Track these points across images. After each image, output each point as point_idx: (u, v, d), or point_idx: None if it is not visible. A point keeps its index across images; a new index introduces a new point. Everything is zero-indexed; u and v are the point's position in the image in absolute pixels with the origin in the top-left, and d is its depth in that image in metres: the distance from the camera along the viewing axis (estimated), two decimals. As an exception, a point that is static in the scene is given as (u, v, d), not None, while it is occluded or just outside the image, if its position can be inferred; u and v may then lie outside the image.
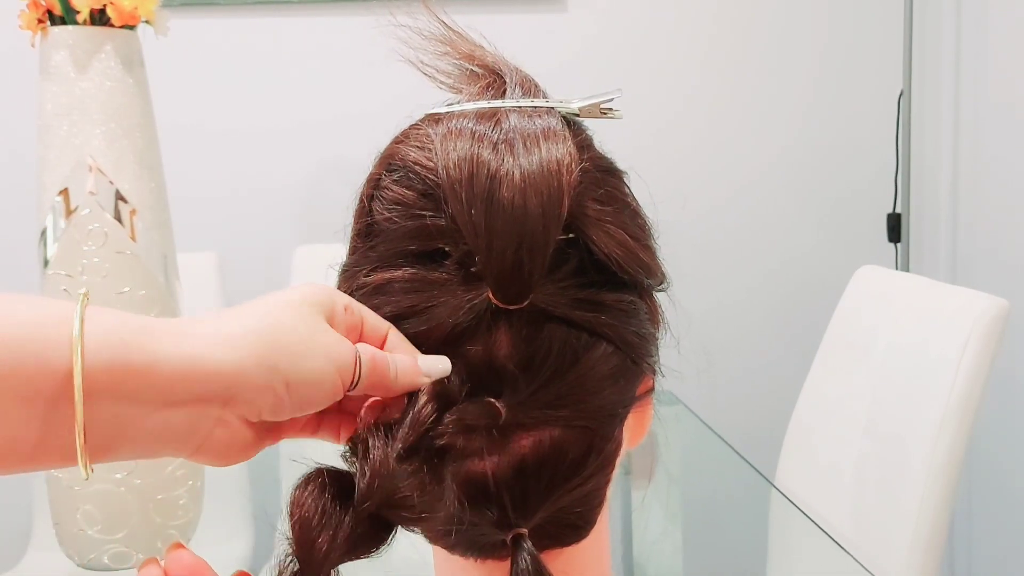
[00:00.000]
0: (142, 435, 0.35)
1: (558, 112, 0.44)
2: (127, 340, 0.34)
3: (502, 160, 0.41)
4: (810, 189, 2.14)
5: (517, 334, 0.41)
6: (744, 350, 2.13)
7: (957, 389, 1.23)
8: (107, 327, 0.34)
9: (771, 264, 2.15)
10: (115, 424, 0.34)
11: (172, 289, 1.09)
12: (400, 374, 0.40)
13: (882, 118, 2.11)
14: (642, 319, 0.45)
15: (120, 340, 0.34)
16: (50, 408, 0.33)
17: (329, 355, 0.38)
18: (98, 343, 0.33)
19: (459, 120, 0.43)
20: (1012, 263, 1.84)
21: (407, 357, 0.41)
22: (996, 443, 1.88)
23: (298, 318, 0.38)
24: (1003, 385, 1.81)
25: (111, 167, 1.03)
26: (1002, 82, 1.89)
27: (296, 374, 0.37)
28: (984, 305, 1.26)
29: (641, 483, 1.34)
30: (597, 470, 0.44)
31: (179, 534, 1.07)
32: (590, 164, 0.43)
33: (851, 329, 1.53)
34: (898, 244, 2.08)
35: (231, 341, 0.36)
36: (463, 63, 0.46)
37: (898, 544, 1.25)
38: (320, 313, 0.39)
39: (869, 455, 1.38)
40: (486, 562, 0.45)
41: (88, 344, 0.33)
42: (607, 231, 0.43)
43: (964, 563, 2.05)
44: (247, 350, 0.36)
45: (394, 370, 0.40)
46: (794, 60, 2.12)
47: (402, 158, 0.44)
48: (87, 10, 1.02)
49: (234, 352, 0.36)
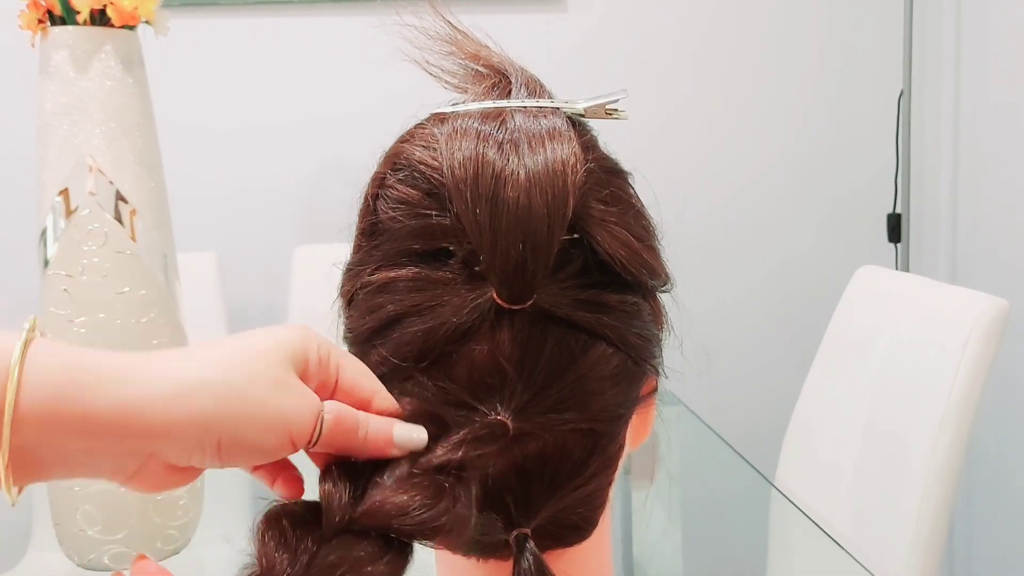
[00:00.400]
0: (72, 463, 0.36)
1: (563, 112, 0.44)
2: (63, 387, 0.34)
3: (507, 160, 0.41)
4: (810, 189, 2.14)
5: (521, 334, 0.41)
6: (744, 350, 2.13)
7: (957, 389, 1.23)
8: (48, 368, 0.34)
9: (771, 264, 2.15)
10: (46, 450, 0.35)
11: (172, 289, 1.09)
12: (370, 438, 0.39)
13: (882, 118, 2.11)
14: (646, 320, 0.45)
15: (56, 386, 0.34)
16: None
17: (282, 417, 0.37)
18: (34, 384, 0.34)
19: (464, 120, 0.43)
20: (1012, 263, 1.84)
21: (382, 423, 0.40)
22: (996, 443, 1.88)
23: (259, 372, 0.37)
24: (1003, 385, 1.81)
25: (111, 167, 1.03)
26: (1002, 82, 1.89)
27: (231, 437, 0.36)
28: (984, 305, 1.26)
29: (642, 483, 1.34)
30: (599, 471, 0.44)
31: (179, 534, 1.07)
32: (595, 164, 0.43)
33: (851, 329, 1.53)
34: (898, 244, 2.08)
35: (172, 392, 0.35)
36: (468, 63, 0.46)
37: (898, 544, 1.25)
38: (290, 364, 0.38)
39: (869, 455, 1.38)
40: (488, 562, 0.45)
41: (25, 383, 0.34)
42: (611, 232, 0.43)
43: (964, 563, 2.05)
44: (184, 407, 0.35)
45: (363, 432, 0.39)
46: (794, 60, 2.12)
47: (407, 157, 0.44)
48: (87, 10, 1.02)
49: (166, 409, 0.35)
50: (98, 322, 1.01)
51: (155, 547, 1.05)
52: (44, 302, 1.03)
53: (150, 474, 0.37)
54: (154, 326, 1.04)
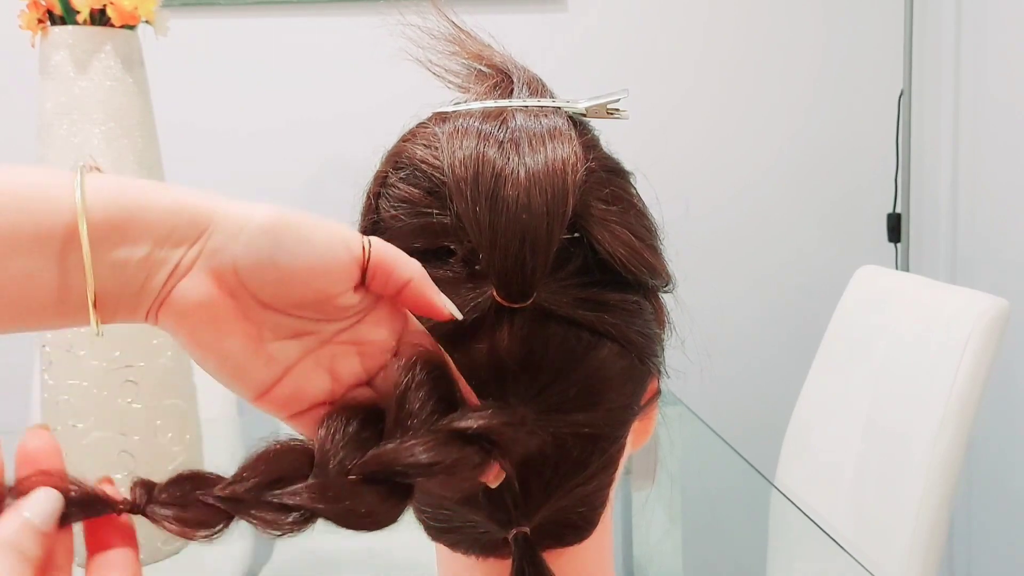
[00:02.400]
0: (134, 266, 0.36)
1: (564, 112, 0.44)
2: (124, 184, 0.36)
3: (507, 159, 0.41)
4: (810, 189, 2.14)
5: (521, 332, 0.41)
6: (744, 350, 2.13)
7: (957, 389, 1.23)
8: (107, 182, 0.36)
9: (771, 264, 2.15)
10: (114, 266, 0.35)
11: (172, 289, 1.08)
12: (416, 277, 0.38)
13: (882, 118, 2.11)
14: (647, 319, 0.45)
15: (117, 184, 0.36)
16: (62, 256, 0.35)
17: (340, 229, 0.37)
18: (96, 188, 0.35)
19: (466, 119, 0.43)
20: (1012, 263, 1.84)
21: (424, 280, 0.39)
22: (996, 443, 1.88)
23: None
24: (1003, 385, 1.80)
25: (111, 167, 1.03)
26: (1002, 82, 1.89)
27: (296, 237, 0.36)
28: (984, 305, 1.26)
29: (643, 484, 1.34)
30: (600, 471, 0.44)
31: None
32: (596, 164, 0.43)
33: (851, 329, 1.53)
34: (898, 244, 2.08)
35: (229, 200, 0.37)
36: (471, 63, 0.46)
37: (898, 543, 1.25)
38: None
39: (869, 455, 1.38)
40: (488, 560, 0.45)
41: (88, 191, 0.35)
42: (612, 231, 0.43)
43: (964, 563, 2.05)
44: (245, 205, 0.37)
45: (407, 274, 0.38)
46: (794, 60, 2.12)
47: (409, 156, 0.44)
48: (87, 10, 1.02)
49: (226, 201, 0.37)
50: (98, 322, 1.01)
51: (155, 547, 1.05)
52: (44, 302, 1.03)
53: (188, 299, 0.36)
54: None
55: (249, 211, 0.36)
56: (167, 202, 0.36)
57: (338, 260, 0.37)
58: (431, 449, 0.37)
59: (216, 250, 0.36)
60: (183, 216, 0.36)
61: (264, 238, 0.36)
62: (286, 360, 0.38)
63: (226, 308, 0.37)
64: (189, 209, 0.36)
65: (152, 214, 0.36)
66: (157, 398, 1.03)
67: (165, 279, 0.36)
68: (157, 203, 0.36)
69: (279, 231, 0.36)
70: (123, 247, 0.35)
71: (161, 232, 0.36)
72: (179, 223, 0.36)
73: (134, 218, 0.35)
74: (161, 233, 0.36)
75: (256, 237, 0.36)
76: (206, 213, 0.36)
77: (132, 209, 0.35)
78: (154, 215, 0.36)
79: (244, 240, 0.36)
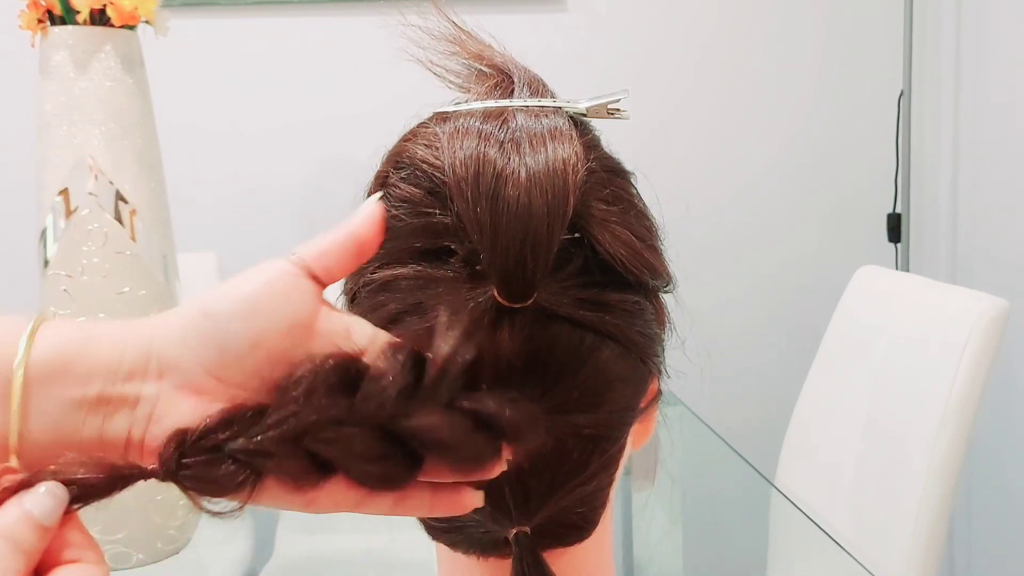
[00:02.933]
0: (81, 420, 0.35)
1: (565, 112, 0.44)
2: (69, 330, 0.35)
3: (508, 159, 0.41)
4: (810, 189, 2.14)
5: (522, 333, 0.41)
6: (744, 350, 2.13)
7: (957, 389, 1.23)
8: (57, 327, 0.35)
9: (771, 264, 2.15)
10: (56, 410, 0.35)
11: (172, 289, 1.09)
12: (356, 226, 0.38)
13: (882, 118, 2.11)
14: (648, 320, 0.45)
15: (65, 330, 0.35)
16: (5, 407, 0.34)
17: (264, 266, 0.36)
18: (45, 335, 0.35)
19: (466, 119, 0.43)
20: (1012, 263, 1.84)
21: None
22: (996, 443, 1.88)
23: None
24: (1003, 385, 1.81)
25: (111, 167, 1.03)
26: (1002, 82, 1.89)
27: (230, 291, 0.35)
28: (984, 305, 1.26)
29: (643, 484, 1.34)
30: (600, 470, 0.44)
31: (179, 534, 1.07)
32: (596, 164, 0.43)
33: (851, 329, 1.53)
34: (898, 244, 2.08)
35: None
36: (472, 63, 0.46)
37: (898, 544, 1.25)
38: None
39: (869, 455, 1.38)
40: (488, 560, 0.45)
41: (37, 339, 0.35)
42: (612, 231, 0.43)
43: (964, 563, 2.05)
44: (177, 313, 0.36)
45: (348, 232, 0.38)
46: (794, 60, 2.12)
47: (410, 156, 0.44)
48: (87, 10, 1.02)
49: (163, 318, 0.36)
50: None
51: (155, 547, 1.05)
52: (44, 302, 1.03)
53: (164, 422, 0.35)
54: (154, 326, 1.04)
55: (178, 312, 0.36)
56: (112, 337, 0.35)
57: (285, 286, 0.36)
58: (448, 426, 0.36)
59: (173, 365, 0.35)
60: (128, 345, 0.35)
61: (208, 321, 0.35)
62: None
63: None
64: (131, 338, 0.35)
65: (95, 352, 0.35)
66: (157, 398, 1.03)
67: (129, 422, 0.35)
68: (100, 339, 0.35)
69: (214, 305, 0.35)
70: (70, 388, 0.35)
71: (108, 367, 0.35)
72: (125, 354, 0.35)
73: (78, 357, 0.35)
74: (109, 368, 0.35)
75: (202, 326, 0.35)
76: (147, 335, 0.35)
77: (76, 349, 0.35)
78: (98, 352, 0.35)
79: (193, 336, 0.35)
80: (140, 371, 0.35)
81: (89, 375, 0.35)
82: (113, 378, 0.35)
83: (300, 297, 0.36)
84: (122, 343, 0.35)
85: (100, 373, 0.35)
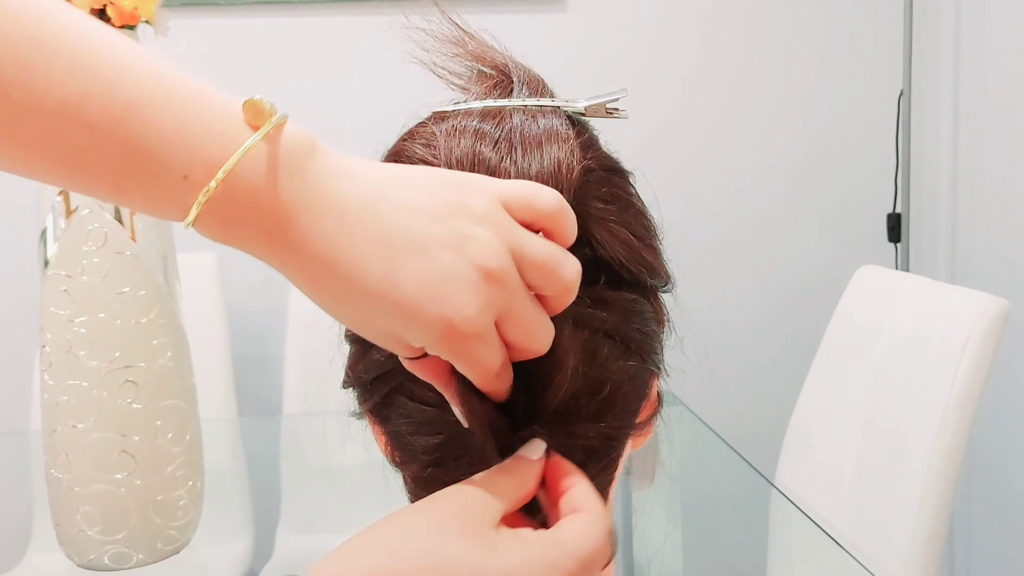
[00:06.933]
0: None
1: (563, 112, 0.44)
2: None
3: (502, 158, 0.41)
4: (810, 189, 2.14)
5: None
6: (744, 350, 2.13)
7: (957, 389, 1.23)
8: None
9: (771, 264, 2.15)
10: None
11: (172, 289, 1.08)
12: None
13: (882, 118, 2.11)
14: (647, 318, 0.45)
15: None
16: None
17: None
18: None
19: (464, 118, 0.43)
20: (1012, 263, 1.84)
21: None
22: (996, 443, 1.88)
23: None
24: (1003, 385, 1.80)
25: (111, 167, 1.03)
26: (1002, 82, 1.89)
27: None
28: (984, 305, 1.26)
29: (643, 484, 1.34)
30: (600, 471, 0.44)
31: (179, 534, 1.07)
32: (594, 163, 0.43)
33: (851, 329, 1.53)
34: (898, 244, 2.08)
35: None
36: (473, 63, 0.46)
37: (898, 544, 1.25)
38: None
39: (869, 455, 1.38)
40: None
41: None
42: (610, 230, 0.43)
43: (964, 563, 2.05)
44: None
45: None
46: (794, 60, 2.11)
47: (408, 155, 0.44)
48: (87, 10, 1.02)
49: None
50: (98, 322, 1.01)
51: (155, 547, 1.05)
52: (44, 302, 1.03)
53: None
54: (154, 326, 1.04)
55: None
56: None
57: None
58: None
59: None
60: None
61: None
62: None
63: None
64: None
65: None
66: (157, 398, 1.03)
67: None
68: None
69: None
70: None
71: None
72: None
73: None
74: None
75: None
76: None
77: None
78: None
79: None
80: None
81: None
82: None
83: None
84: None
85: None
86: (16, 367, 1.83)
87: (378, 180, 0.36)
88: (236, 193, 0.34)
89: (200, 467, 1.10)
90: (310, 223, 0.35)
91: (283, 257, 0.35)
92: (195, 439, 1.09)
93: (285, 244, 0.35)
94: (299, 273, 0.36)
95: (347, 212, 0.35)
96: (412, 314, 0.35)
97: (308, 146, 0.36)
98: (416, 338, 0.36)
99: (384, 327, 0.36)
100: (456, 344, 0.36)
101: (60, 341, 1.00)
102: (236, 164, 0.34)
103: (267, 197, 0.34)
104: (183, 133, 0.34)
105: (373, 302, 0.35)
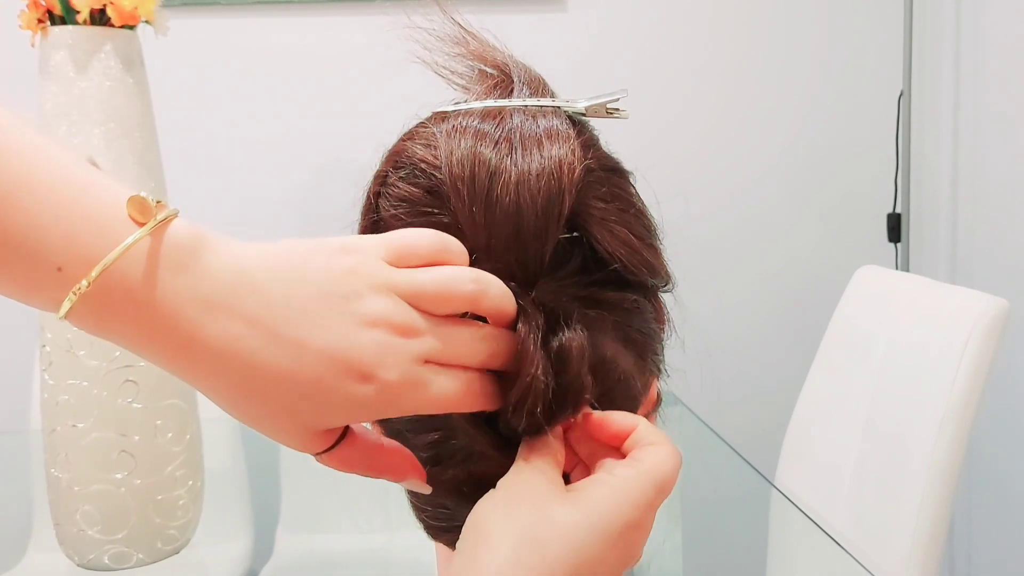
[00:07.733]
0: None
1: (564, 112, 0.44)
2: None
3: (503, 158, 0.41)
4: (810, 189, 2.14)
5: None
6: (744, 350, 2.13)
7: (957, 389, 1.23)
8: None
9: (771, 264, 2.15)
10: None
11: (172, 289, 1.08)
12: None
13: (882, 118, 2.11)
14: (647, 318, 0.45)
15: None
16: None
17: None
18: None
19: (464, 118, 0.43)
20: (1012, 263, 1.84)
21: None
22: (996, 443, 1.88)
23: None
24: (1003, 385, 1.80)
25: (111, 167, 1.03)
26: (1002, 82, 1.89)
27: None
28: (984, 305, 1.26)
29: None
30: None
31: (179, 534, 1.07)
32: (595, 163, 0.43)
33: (851, 329, 1.53)
34: (898, 244, 2.08)
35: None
36: (474, 63, 0.46)
37: (898, 544, 1.25)
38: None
39: (869, 455, 1.38)
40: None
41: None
42: (611, 230, 0.43)
43: (964, 563, 2.05)
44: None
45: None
46: (794, 60, 2.11)
47: (409, 155, 0.44)
48: (87, 10, 1.02)
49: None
50: (98, 322, 1.01)
51: (155, 547, 1.05)
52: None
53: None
54: (154, 326, 1.04)
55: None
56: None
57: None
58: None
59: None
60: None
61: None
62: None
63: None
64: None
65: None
66: (157, 398, 1.03)
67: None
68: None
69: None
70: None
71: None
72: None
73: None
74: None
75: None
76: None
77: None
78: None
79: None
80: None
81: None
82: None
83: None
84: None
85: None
86: (16, 367, 1.83)
87: (267, 266, 0.36)
88: (113, 288, 0.33)
89: (200, 467, 1.10)
90: (199, 317, 0.34)
91: (173, 355, 0.35)
92: (195, 439, 1.09)
93: (174, 341, 0.34)
94: (195, 369, 0.35)
95: (239, 301, 0.35)
96: (332, 388, 0.35)
97: (194, 240, 0.35)
98: (343, 410, 0.36)
99: (292, 413, 0.36)
100: (393, 395, 0.36)
101: (60, 341, 1.00)
102: (114, 261, 0.33)
103: (146, 293, 0.33)
104: (61, 223, 0.32)
105: (280, 387, 0.35)
